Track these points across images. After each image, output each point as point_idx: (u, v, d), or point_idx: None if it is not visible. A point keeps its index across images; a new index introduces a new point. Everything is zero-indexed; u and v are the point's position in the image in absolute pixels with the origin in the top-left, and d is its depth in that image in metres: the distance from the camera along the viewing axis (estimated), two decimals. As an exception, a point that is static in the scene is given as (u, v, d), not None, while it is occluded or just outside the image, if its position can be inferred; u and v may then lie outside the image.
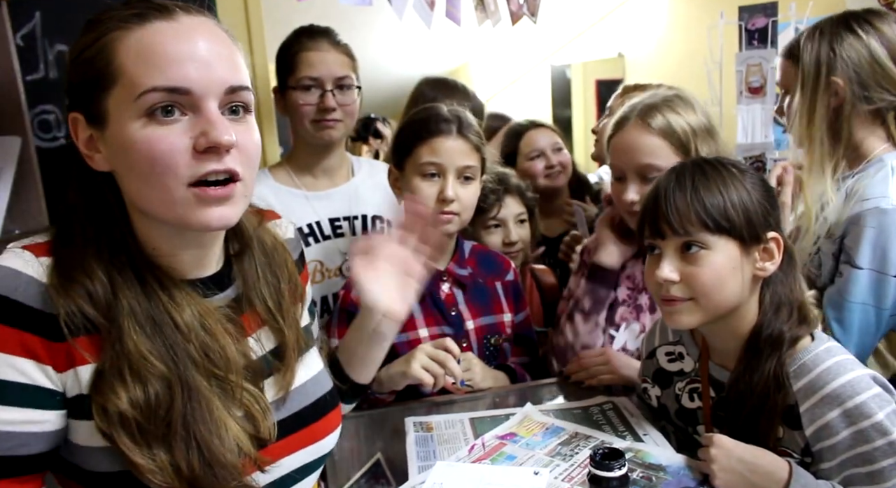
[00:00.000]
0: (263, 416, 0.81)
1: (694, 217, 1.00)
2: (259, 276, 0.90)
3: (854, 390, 0.95)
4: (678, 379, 1.20)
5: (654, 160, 1.32)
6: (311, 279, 1.64)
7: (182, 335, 0.76)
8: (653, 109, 1.34)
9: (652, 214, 1.05)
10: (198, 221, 0.76)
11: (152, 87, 0.72)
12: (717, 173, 1.02)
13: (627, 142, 1.36)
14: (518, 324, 1.57)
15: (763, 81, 2.48)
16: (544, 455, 1.12)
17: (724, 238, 1.00)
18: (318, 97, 1.61)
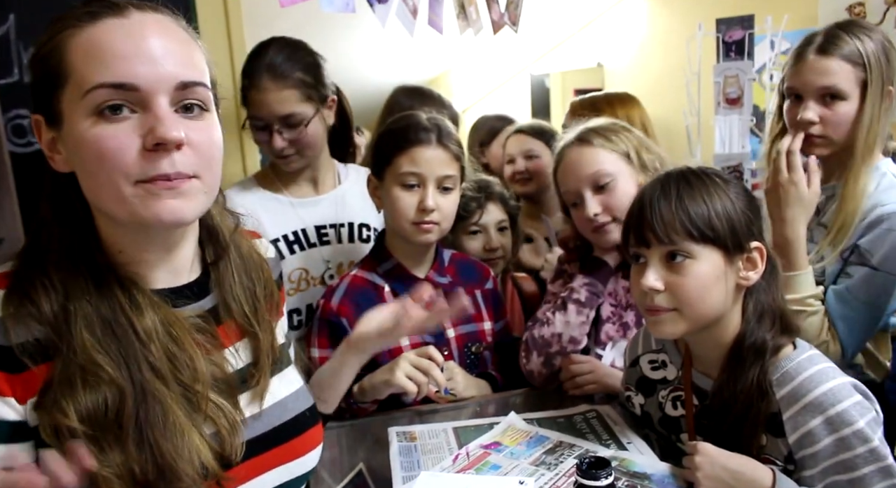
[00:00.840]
0: (230, 432, 0.79)
1: (679, 226, 1.01)
2: (235, 281, 0.88)
3: (836, 398, 0.96)
4: (661, 388, 1.20)
5: (602, 166, 1.38)
6: (296, 287, 1.65)
7: (140, 340, 0.74)
8: (591, 133, 1.42)
9: (637, 223, 1.05)
10: (149, 215, 0.73)
11: (98, 84, 0.71)
12: (701, 183, 1.03)
13: (572, 161, 1.42)
14: (498, 331, 1.57)
15: (740, 92, 2.53)
16: (529, 464, 1.11)
17: (708, 247, 1.01)
18: (268, 136, 1.57)
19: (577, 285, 1.46)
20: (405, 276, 1.46)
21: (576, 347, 1.45)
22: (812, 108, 1.41)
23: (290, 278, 1.64)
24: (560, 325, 1.45)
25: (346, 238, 1.72)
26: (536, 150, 2.23)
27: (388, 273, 1.47)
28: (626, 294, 1.47)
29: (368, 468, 1.29)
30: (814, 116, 1.41)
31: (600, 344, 1.47)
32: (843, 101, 1.40)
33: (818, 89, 1.41)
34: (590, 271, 1.47)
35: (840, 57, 1.39)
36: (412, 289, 1.44)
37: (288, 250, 1.65)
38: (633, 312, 1.46)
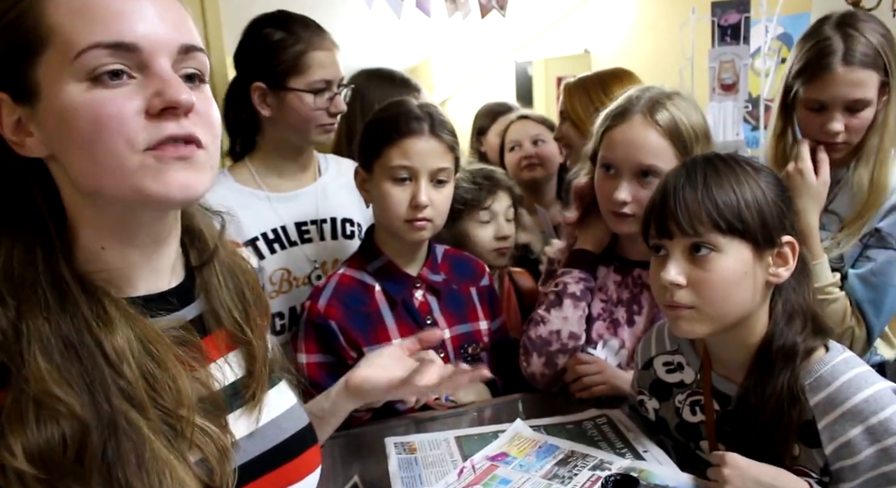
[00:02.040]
0: (220, 459, 0.69)
1: (705, 216, 0.92)
2: (222, 285, 0.78)
3: (878, 405, 0.89)
4: (678, 392, 1.12)
5: (657, 162, 1.24)
6: (277, 289, 1.54)
7: (110, 363, 0.63)
8: (659, 106, 1.25)
9: (659, 212, 0.97)
10: (159, 188, 0.64)
11: (94, 44, 0.61)
12: (730, 170, 0.95)
13: (629, 137, 1.26)
14: (495, 331, 1.49)
15: (736, 78, 2.46)
16: (541, 478, 1.03)
17: (736, 240, 0.93)
18: (328, 101, 1.48)
19: (569, 279, 1.38)
20: (397, 275, 1.37)
21: (577, 343, 1.37)
22: (840, 120, 1.37)
23: (272, 280, 1.54)
24: (558, 322, 1.36)
25: (329, 235, 1.61)
26: (543, 135, 2.14)
27: (378, 271, 1.37)
28: (617, 289, 1.39)
29: (364, 480, 1.21)
30: (841, 128, 1.38)
31: (591, 342, 1.39)
32: (867, 108, 1.38)
33: (847, 102, 1.37)
34: (576, 263, 1.39)
35: (865, 65, 1.35)
36: (405, 289, 1.37)
37: (268, 249, 1.54)
38: (624, 309, 1.38)
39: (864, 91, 1.35)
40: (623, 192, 1.26)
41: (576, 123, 1.77)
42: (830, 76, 1.35)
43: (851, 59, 1.34)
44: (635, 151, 1.25)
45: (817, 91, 1.38)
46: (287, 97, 1.47)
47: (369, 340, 1.33)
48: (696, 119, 1.27)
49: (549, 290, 1.42)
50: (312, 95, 1.46)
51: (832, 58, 1.35)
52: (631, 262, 1.40)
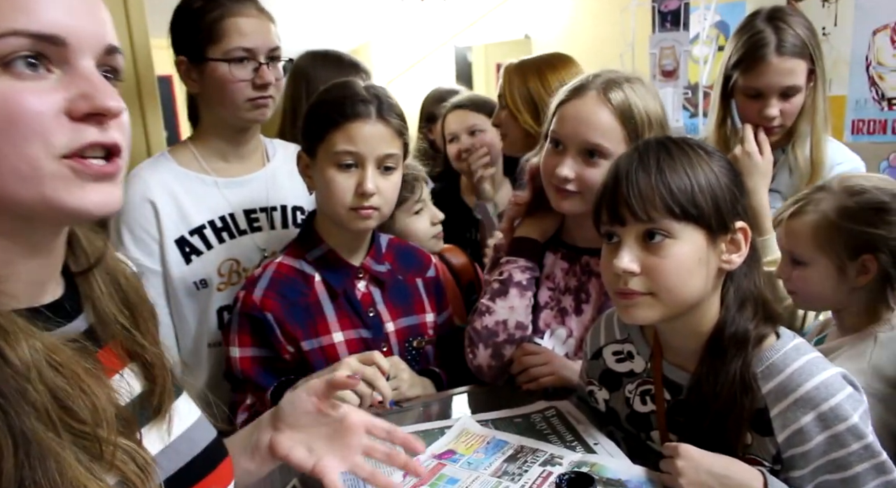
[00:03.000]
0: (143, 478, 0.61)
1: (659, 202, 0.89)
2: (104, 292, 0.69)
3: (828, 392, 0.87)
4: (628, 381, 1.10)
5: (604, 141, 1.20)
6: (226, 281, 1.45)
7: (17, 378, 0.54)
8: (615, 86, 1.22)
9: (611, 197, 0.93)
10: (73, 204, 0.56)
11: (12, 31, 0.53)
12: (683, 154, 0.92)
13: (580, 113, 1.22)
14: (441, 324, 1.44)
15: (676, 64, 2.47)
16: (490, 476, 0.99)
17: (690, 226, 0.90)
18: (252, 71, 1.38)
19: (514, 268, 1.34)
20: (338, 264, 1.30)
21: (524, 333, 1.33)
22: (776, 106, 1.51)
23: (220, 271, 1.45)
24: (504, 312, 1.32)
25: (280, 223, 1.53)
26: (480, 125, 2.06)
27: (318, 260, 1.30)
28: (565, 277, 1.36)
29: (304, 484, 1.14)
30: (777, 113, 1.52)
31: (538, 332, 1.35)
32: (798, 94, 1.53)
33: (781, 89, 1.51)
34: (521, 252, 1.35)
35: (795, 55, 1.50)
36: (346, 280, 1.30)
37: (216, 238, 1.44)
38: (572, 297, 1.35)
39: (795, 78, 1.50)
40: (566, 168, 1.22)
41: (512, 111, 1.72)
42: (765, 66, 1.49)
43: (783, 49, 1.48)
44: (584, 128, 1.21)
45: (754, 79, 1.51)
46: (207, 69, 1.38)
47: (308, 334, 1.26)
48: (652, 106, 1.24)
49: (493, 279, 1.38)
50: (229, 65, 1.36)
51: (766, 49, 1.49)
52: (579, 249, 1.36)
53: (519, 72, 1.74)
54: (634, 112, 1.20)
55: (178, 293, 1.42)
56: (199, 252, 1.43)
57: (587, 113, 1.21)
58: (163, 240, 1.40)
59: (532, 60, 1.77)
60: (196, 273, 1.42)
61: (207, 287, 1.43)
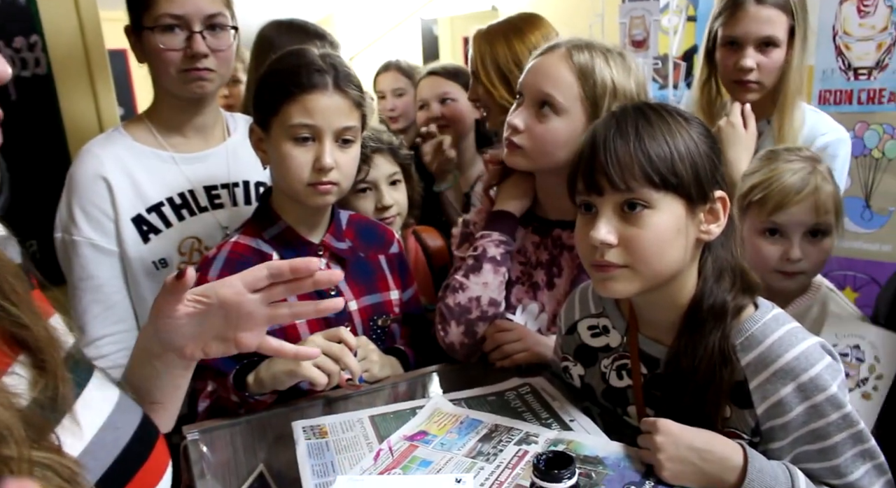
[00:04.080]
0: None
1: (638, 171, 0.85)
2: None
3: (808, 362, 0.86)
4: (604, 356, 1.07)
5: (556, 93, 1.18)
6: (187, 259, 1.39)
7: None
8: (584, 48, 1.19)
9: (588, 166, 0.89)
10: None
11: None
12: (662, 121, 0.88)
13: (542, 66, 1.20)
14: (406, 302, 1.39)
15: (646, 34, 2.43)
16: (464, 456, 0.95)
17: (669, 196, 0.87)
18: (185, 40, 1.30)
19: (489, 243, 1.30)
20: (297, 242, 1.25)
21: (497, 310, 1.29)
22: (752, 56, 1.52)
23: (181, 250, 1.38)
24: (477, 288, 1.28)
25: (242, 199, 1.46)
26: (453, 93, 1.99)
27: (275, 238, 1.24)
28: (536, 250, 1.33)
29: (271, 470, 1.10)
30: (753, 64, 1.52)
31: (509, 307, 1.32)
32: (777, 48, 1.52)
33: (759, 38, 1.52)
34: (497, 226, 1.31)
35: (775, 5, 1.50)
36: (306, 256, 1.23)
37: (175, 216, 1.38)
38: (544, 271, 1.32)
39: (773, 28, 1.51)
40: (517, 118, 1.20)
41: (486, 87, 1.62)
42: (743, 13, 1.52)
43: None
44: (540, 78, 1.19)
45: (732, 28, 1.54)
46: (143, 38, 1.31)
47: None
48: (621, 78, 1.19)
49: (467, 254, 1.33)
50: (159, 33, 1.28)
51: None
52: (550, 222, 1.33)
53: (487, 40, 1.66)
54: (595, 75, 1.17)
55: (137, 273, 1.35)
56: (158, 230, 1.36)
57: (548, 66, 1.20)
58: (118, 219, 1.33)
59: (499, 26, 1.68)
60: (155, 252, 1.36)
61: (167, 266, 1.36)
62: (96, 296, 1.32)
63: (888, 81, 2.25)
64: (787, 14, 1.51)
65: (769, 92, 1.56)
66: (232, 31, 1.35)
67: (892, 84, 2.24)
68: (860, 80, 2.41)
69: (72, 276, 1.33)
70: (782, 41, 1.52)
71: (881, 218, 2.35)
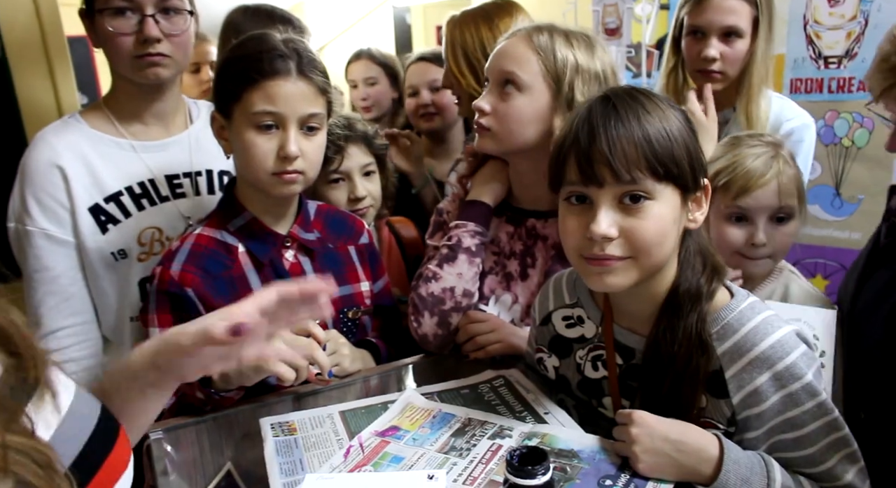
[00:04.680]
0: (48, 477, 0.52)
1: (644, 162, 0.82)
2: None
3: (784, 351, 0.85)
4: (578, 347, 1.05)
5: (518, 70, 1.17)
6: (148, 250, 1.34)
7: None
8: (544, 30, 1.18)
9: (585, 156, 0.84)
10: None
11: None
12: (655, 107, 0.85)
13: (504, 49, 1.20)
14: (377, 293, 1.36)
15: (619, 22, 2.42)
16: (437, 452, 0.93)
17: (670, 186, 0.85)
18: (137, 24, 1.25)
19: (464, 233, 1.28)
20: (263, 233, 1.21)
21: (471, 301, 1.27)
22: (715, 46, 1.52)
23: (140, 240, 1.33)
24: (451, 278, 1.26)
25: (205, 188, 1.41)
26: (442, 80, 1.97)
27: (241, 230, 1.20)
28: (510, 241, 1.31)
29: (238, 468, 1.07)
30: (717, 54, 1.52)
31: (482, 298, 1.30)
32: (740, 38, 1.53)
33: (722, 28, 1.52)
34: (472, 216, 1.29)
35: None
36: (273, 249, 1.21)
37: (135, 205, 1.33)
38: (517, 262, 1.30)
39: (736, 18, 1.51)
40: (483, 101, 1.20)
41: (454, 74, 1.59)
42: (707, 2, 1.53)
43: None
44: (502, 59, 1.20)
45: (696, 17, 1.55)
46: (96, 22, 1.26)
47: None
48: (584, 58, 1.18)
49: (441, 244, 1.31)
50: (106, 16, 1.23)
51: None
52: (524, 212, 1.31)
53: (457, 26, 1.63)
54: (557, 54, 1.17)
55: (95, 265, 1.30)
56: (116, 220, 1.31)
57: (508, 48, 1.20)
58: (74, 209, 1.28)
59: (470, 13, 1.64)
60: (113, 243, 1.31)
61: (127, 257, 1.32)
62: (52, 287, 1.28)
63: (857, 70, 2.27)
64: (750, 5, 1.52)
65: (734, 81, 1.56)
66: (188, 15, 1.30)
67: (861, 73, 2.25)
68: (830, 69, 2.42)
69: (26, 267, 1.28)
70: (746, 32, 1.52)
71: (851, 206, 2.37)
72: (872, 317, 1.11)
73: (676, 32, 1.63)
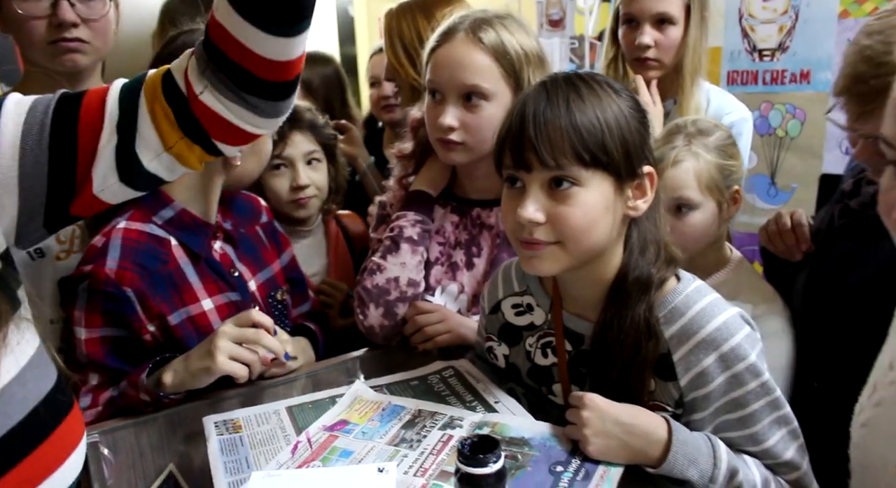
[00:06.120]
0: None
1: (569, 148, 0.83)
2: None
3: (728, 332, 0.86)
4: (528, 334, 1.05)
5: (482, 82, 1.14)
6: (67, 248, 1.28)
7: None
8: (485, 26, 1.15)
9: (516, 141, 0.86)
10: None
11: None
12: (592, 93, 0.85)
13: (453, 57, 1.16)
14: (286, 267, 1.36)
15: (562, 14, 2.43)
16: (386, 444, 0.92)
17: (599, 173, 0.85)
18: (50, 7, 1.18)
19: (405, 223, 1.26)
20: (194, 225, 1.17)
21: (416, 290, 1.26)
22: (648, 33, 1.54)
23: (59, 237, 1.27)
24: (395, 269, 1.24)
25: None
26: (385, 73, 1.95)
27: (170, 222, 1.16)
28: (455, 230, 1.30)
29: (182, 469, 1.03)
30: (650, 41, 1.55)
31: (429, 289, 1.29)
32: (673, 25, 1.55)
33: (654, 15, 1.55)
34: (412, 206, 1.28)
35: None
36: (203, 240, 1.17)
37: None
38: (463, 251, 1.29)
39: (667, 6, 1.54)
40: (448, 117, 1.16)
41: (393, 64, 1.59)
42: None
43: None
44: (458, 72, 1.15)
45: (630, 5, 1.57)
46: (2, 5, 1.20)
47: (175, 305, 1.13)
48: (527, 42, 1.18)
49: (383, 236, 1.29)
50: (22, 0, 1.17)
51: None
52: (469, 201, 1.30)
53: (395, 16, 1.62)
54: (509, 48, 1.15)
55: None
56: None
57: (459, 56, 1.15)
58: None
59: (408, 3, 1.63)
60: None
61: (44, 256, 1.25)
62: None
63: (789, 63, 2.34)
64: None
65: (672, 72, 1.58)
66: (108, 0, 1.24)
67: (792, 65, 2.33)
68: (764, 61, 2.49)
69: None
70: (678, 19, 1.54)
71: (785, 194, 2.45)
72: (836, 288, 1.14)
73: (614, 24, 1.65)
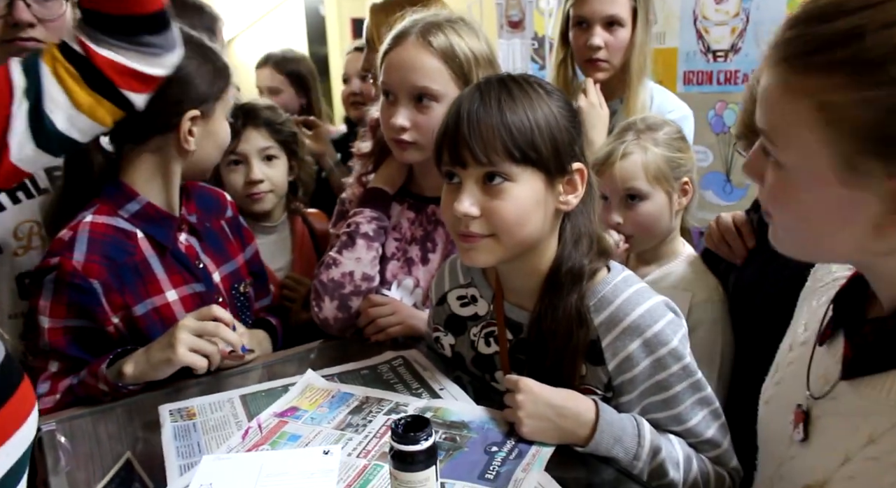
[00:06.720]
0: None
1: (500, 145, 0.88)
2: None
3: (652, 319, 0.92)
4: (472, 325, 1.10)
5: (432, 84, 1.19)
6: (25, 245, 1.30)
7: None
8: (435, 29, 1.20)
9: (452, 139, 0.91)
10: None
11: None
12: (524, 94, 0.91)
13: (404, 60, 1.21)
14: (249, 260, 1.40)
15: (522, 15, 2.49)
16: (333, 429, 0.96)
17: (529, 169, 0.90)
18: (5, 7, 1.19)
19: (361, 219, 1.31)
20: (160, 217, 1.21)
21: (370, 285, 1.31)
22: (599, 35, 1.60)
23: (17, 234, 1.29)
24: (350, 263, 1.29)
25: None
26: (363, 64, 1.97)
27: (136, 216, 1.19)
28: (411, 227, 1.35)
29: (139, 456, 1.06)
30: (601, 42, 1.60)
31: (385, 283, 1.34)
32: (622, 27, 1.61)
33: (604, 17, 1.60)
34: (369, 203, 1.33)
35: None
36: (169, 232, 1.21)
37: (9, 199, 1.28)
38: (418, 247, 1.34)
39: (616, 8, 1.60)
40: (400, 118, 1.20)
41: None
42: None
43: None
44: (409, 73, 1.20)
45: (580, 7, 1.63)
46: None
47: (140, 296, 1.17)
48: (476, 45, 1.23)
49: (341, 231, 1.34)
50: None
51: None
52: (425, 198, 1.35)
53: (382, 10, 1.67)
54: (458, 51, 1.20)
55: None
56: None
57: (410, 59, 1.20)
58: None
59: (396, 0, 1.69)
60: None
61: (2, 252, 1.27)
62: None
63: (742, 63, 2.42)
64: None
65: (619, 72, 1.64)
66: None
67: (745, 66, 2.41)
68: (718, 62, 2.57)
69: None
70: (627, 21, 1.60)
71: (740, 191, 2.53)
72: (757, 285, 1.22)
73: (564, 26, 1.70)
